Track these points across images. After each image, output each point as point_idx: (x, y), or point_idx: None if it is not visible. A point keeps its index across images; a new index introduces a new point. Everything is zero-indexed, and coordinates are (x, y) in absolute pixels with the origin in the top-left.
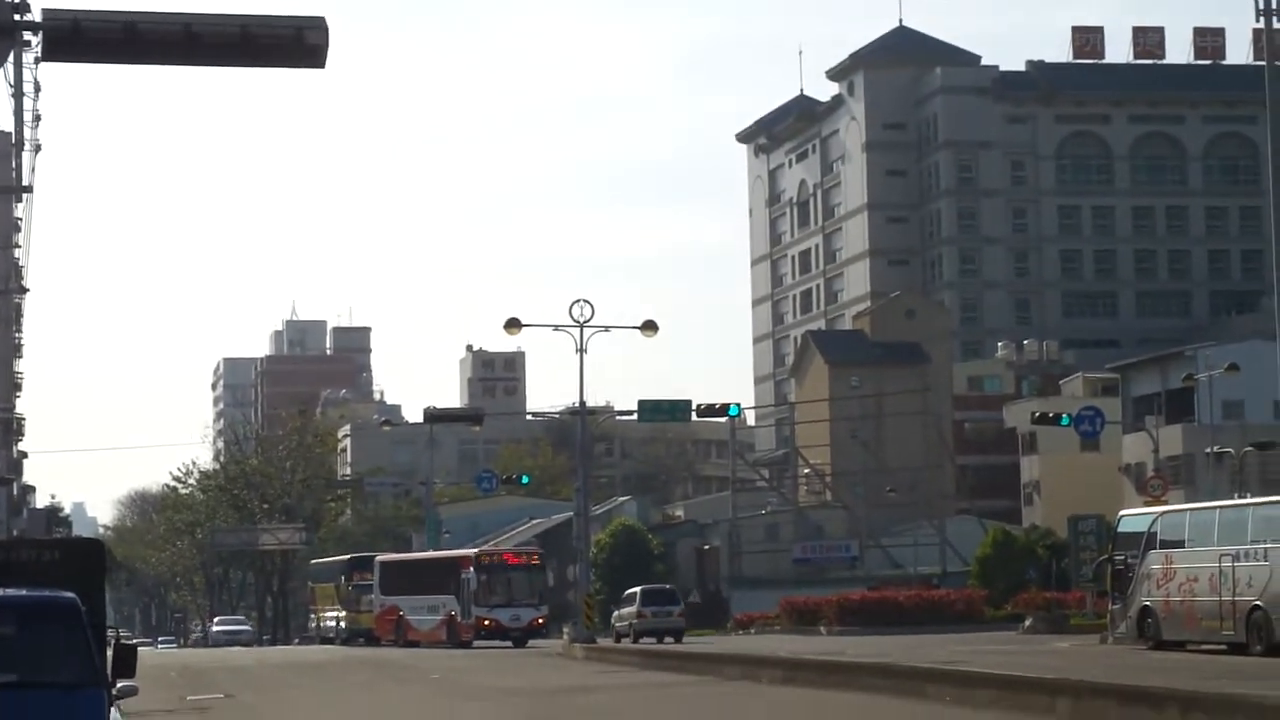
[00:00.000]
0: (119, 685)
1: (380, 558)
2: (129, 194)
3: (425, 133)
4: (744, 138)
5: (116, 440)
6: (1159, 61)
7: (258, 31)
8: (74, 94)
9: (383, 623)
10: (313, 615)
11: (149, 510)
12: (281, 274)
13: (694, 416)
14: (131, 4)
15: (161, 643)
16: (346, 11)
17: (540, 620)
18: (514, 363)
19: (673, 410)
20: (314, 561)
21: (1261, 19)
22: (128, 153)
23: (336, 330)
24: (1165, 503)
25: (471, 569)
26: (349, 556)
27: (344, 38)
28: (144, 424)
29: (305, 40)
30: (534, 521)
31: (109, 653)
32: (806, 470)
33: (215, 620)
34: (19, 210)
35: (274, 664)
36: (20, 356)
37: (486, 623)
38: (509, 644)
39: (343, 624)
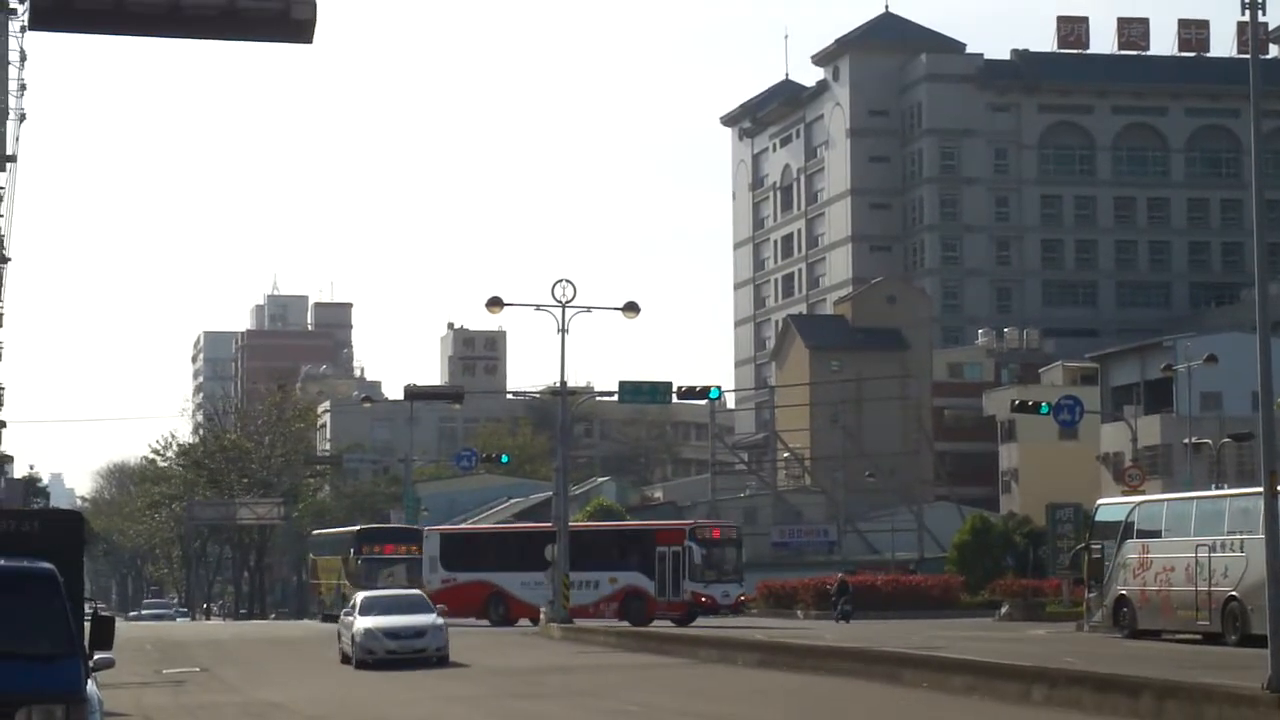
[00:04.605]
0: (96, 657)
1: (464, 528)
2: (114, 165)
3: (410, 111)
4: (728, 121)
5: (96, 412)
6: (1143, 53)
7: (244, 5)
8: (60, 64)
9: (459, 597)
10: (314, 588)
11: (127, 482)
12: (264, 248)
13: (674, 399)
14: None
15: (148, 611)
16: None
17: (744, 597)
18: (495, 341)
19: (653, 392)
20: (315, 533)
21: (1246, 12)
22: (113, 124)
23: (318, 306)
24: (1142, 492)
25: (689, 542)
26: (358, 528)
27: (331, 13)
28: (124, 396)
29: (292, 15)
30: (512, 501)
31: (86, 624)
32: (786, 454)
33: (144, 603)
34: (2, 179)
35: (251, 638)
36: (1, 326)
37: (704, 599)
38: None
39: (347, 597)
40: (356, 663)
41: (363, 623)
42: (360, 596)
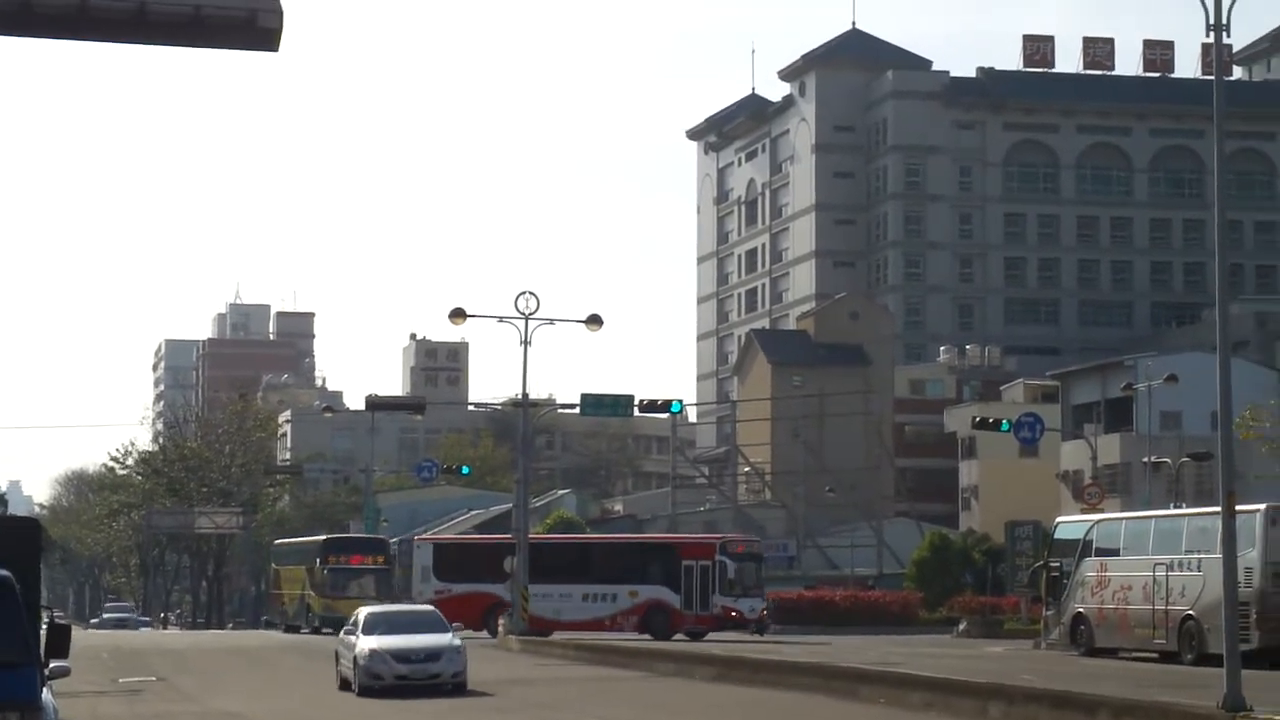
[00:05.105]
0: (52, 665)
1: (461, 539)
2: (76, 172)
3: (375, 120)
4: (694, 135)
5: (55, 419)
6: (1108, 73)
7: (210, 12)
8: (21, 69)
9: (455, 609)
10: (276, 599)
11: (86, 490)
12: (226, 256)
13: (636, 412)
14: None
15: (109, 615)
16: None
17: (765, 611)
18: (457, 353)
19: (615, 405)
20: (278, 542)
21: (1210, 33)
22: (76, 131)
23: (280, 315)
24: (1101, 511)
25: (720, 557)
26: (324, 538)
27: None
28: (83, 403)
29: (258, 23)
30: (473, 512)
31: (43, 632)
32: (746, 469)
33: (105, 606)
34: None
35: (208, 648)
36: None
37: (733, 613)
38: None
39: (312, 608)
40: (360, 689)
41: (367, 643)
42: (364, 612)
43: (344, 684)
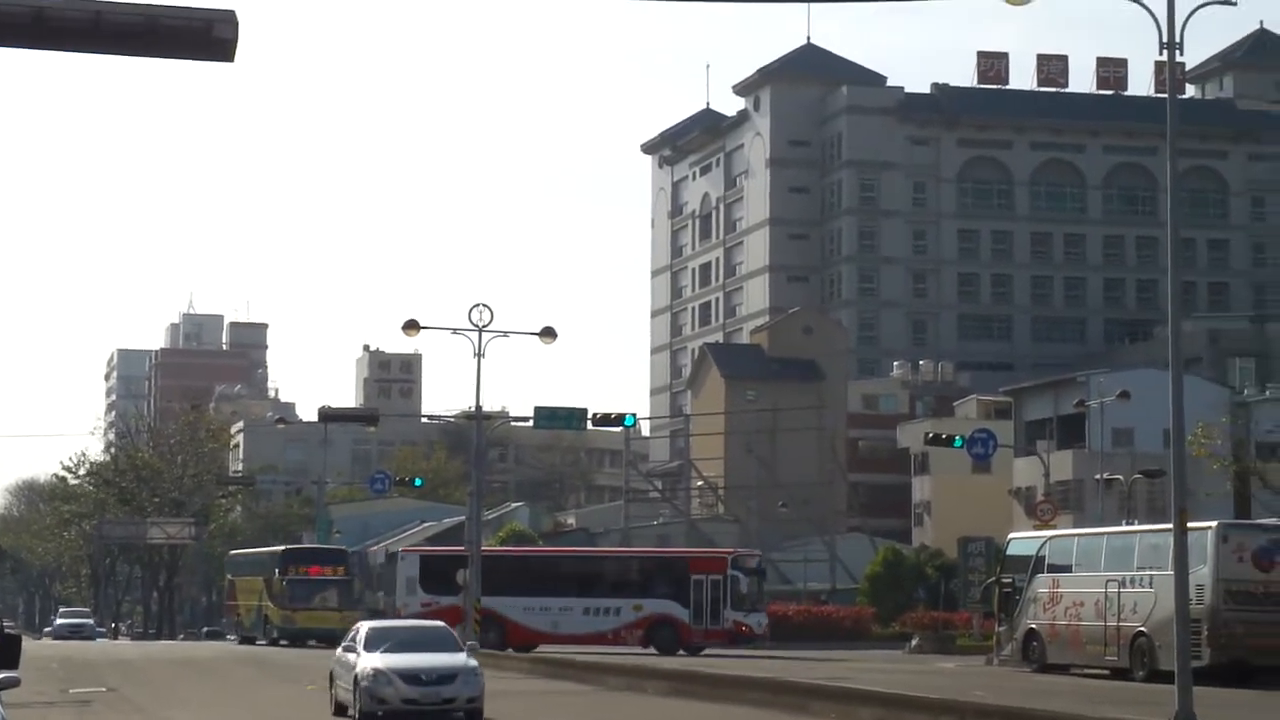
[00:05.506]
0: (1, 675)
1: (450, 550)
2: (27, 179)
3: (327, 131)
4: (648, 149)
5: (5, 428)
6: (1062, 90)
7: (166, 22)
8: None
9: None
10: (231, 610)
11: (36, 500)
12: (179, 266)
13: (589, 425)
14: None
15: (63, 622)
16: (256, 5)
17: (767, 626)
18: (411, 365)
19: (568, 418)
20: (234, 553)
21: (1164, 51)
22: (27, 139)
23: (233, 325)
24: (1054, 527)
25: (733, 571)
26: (283, 548)
27: (251, 33)
28: (34, 412)
29: (214, 33)
30: (425, 525)
31: None
32: (700, 483)
33: (59, 611)
34: None
35: (159, 659)
36: None
37: (744, 628)
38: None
39: (270, 620)
40: (361, 714)
41: (370, 661)
42: (365, 627)
43: (340, 708)
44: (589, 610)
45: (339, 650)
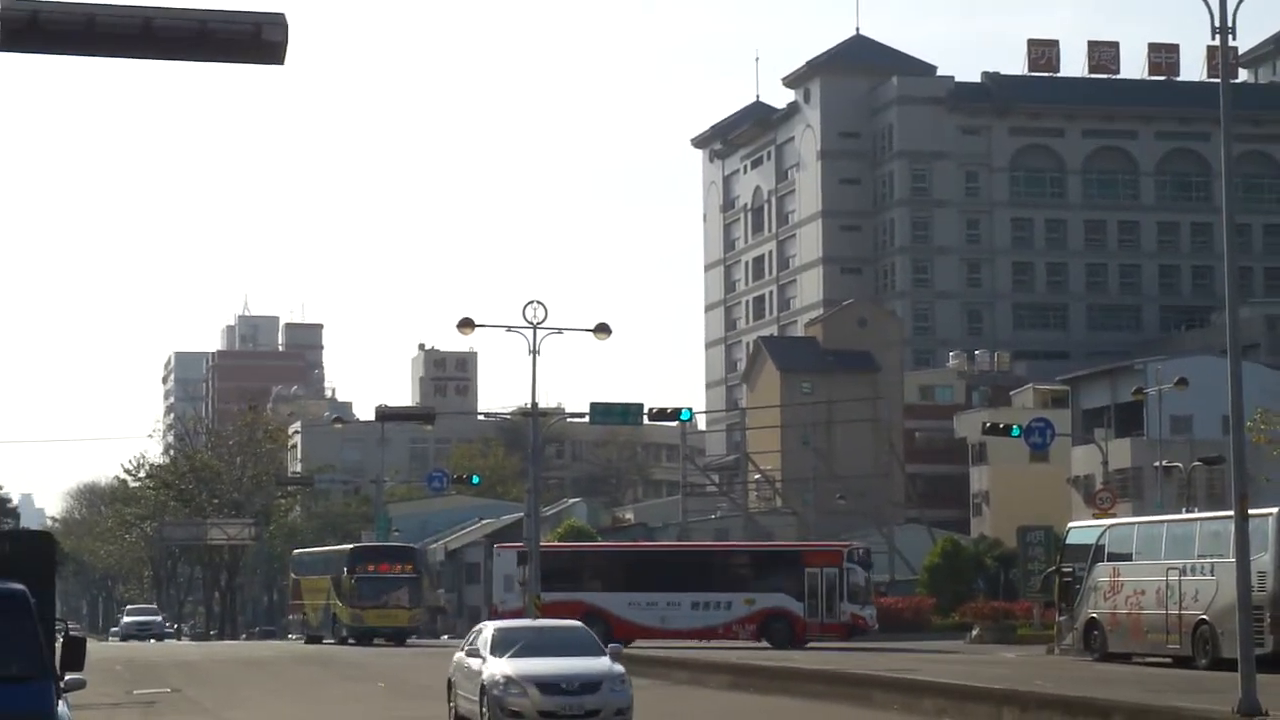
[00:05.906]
0: (67, 678)
1: (555, 546)
2: (85, 186)
3: (383, 131)
4: (699, 143)
5: (66, 432)
6: (1113, 76)
7: (216, 27)
8: (31, 85)
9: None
10: (297, 609)
11: (98, 503)
12: (235, 269)
13: (645, 420)
14: None
15: (129, 619)
16: (310, 6)
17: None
18: (466, 362)
19: (624, 413)
20: (299, 551)
21: (1216, 36)
22: (84, 145)
23: (289, 326)
24: (1113, 515)
25: (849, 564)
26: (351, 546)
27: (304, 34)
28: (94, 416)
29: (263, 37)
30: (484, 522)
31: (58, 645)
32: (756, 476)
33: (126, 609)
34: None
35: (222, 659)
36: None
37: (860, 621)
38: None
39: (339, 618)
40: None
41: (499, 667)
42: (490, 628)
43: None
44: (698, 605)
45: (458, 654)
